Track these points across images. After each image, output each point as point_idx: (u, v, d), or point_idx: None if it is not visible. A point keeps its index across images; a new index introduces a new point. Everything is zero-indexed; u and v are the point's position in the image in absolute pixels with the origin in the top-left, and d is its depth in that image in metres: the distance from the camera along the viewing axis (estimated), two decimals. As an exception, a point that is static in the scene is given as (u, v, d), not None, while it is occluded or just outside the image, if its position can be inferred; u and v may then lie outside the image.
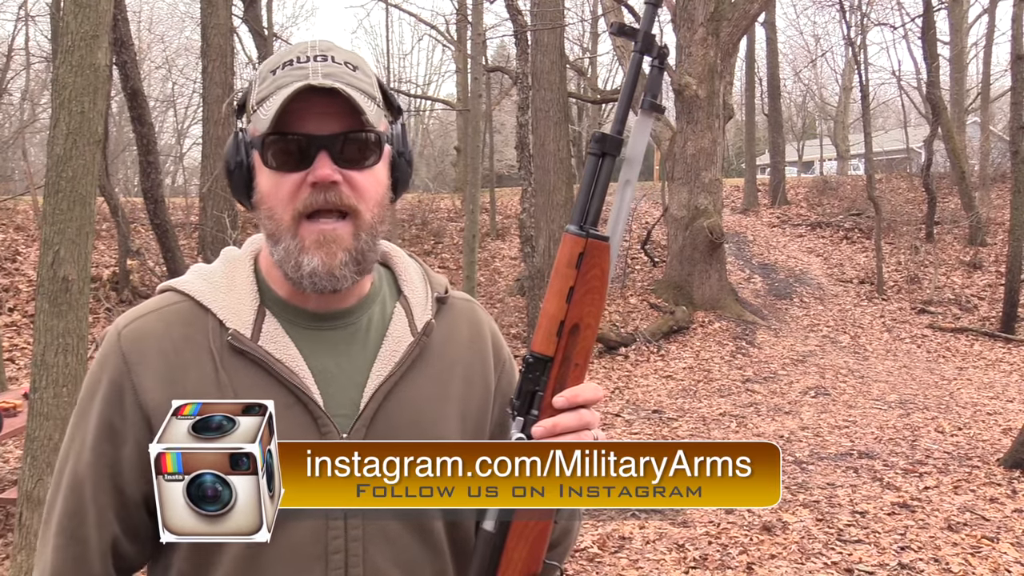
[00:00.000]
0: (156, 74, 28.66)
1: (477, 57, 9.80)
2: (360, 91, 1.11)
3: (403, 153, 1.20)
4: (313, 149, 1.09)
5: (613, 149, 1.10)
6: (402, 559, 1.16)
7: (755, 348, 12.20)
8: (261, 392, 1.12)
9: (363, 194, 1.13)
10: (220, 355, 1.13)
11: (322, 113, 1.10)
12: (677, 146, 13.63)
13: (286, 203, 1.11)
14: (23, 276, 11.97)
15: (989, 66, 22.96)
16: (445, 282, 1.33)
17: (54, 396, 4.00)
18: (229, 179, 1.17)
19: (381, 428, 1.16)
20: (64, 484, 1.14)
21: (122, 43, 7.87)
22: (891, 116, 37.02)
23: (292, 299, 1.19)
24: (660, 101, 1.11)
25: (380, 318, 1.24)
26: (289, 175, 1.10)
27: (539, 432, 1.07)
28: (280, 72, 1.12)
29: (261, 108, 1.12)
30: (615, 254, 1.11)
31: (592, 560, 4.72)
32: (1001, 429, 7.77)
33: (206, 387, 1.12)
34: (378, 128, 1.13)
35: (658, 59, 1.10)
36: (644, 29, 1.10)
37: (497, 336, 1.37)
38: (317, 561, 1.11)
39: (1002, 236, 16.38)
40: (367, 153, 1.13)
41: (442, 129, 33.83)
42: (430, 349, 1.23)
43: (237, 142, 1.15)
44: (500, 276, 15.75)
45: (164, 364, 1.13)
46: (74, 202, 4.05)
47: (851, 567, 4.56)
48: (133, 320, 1.18)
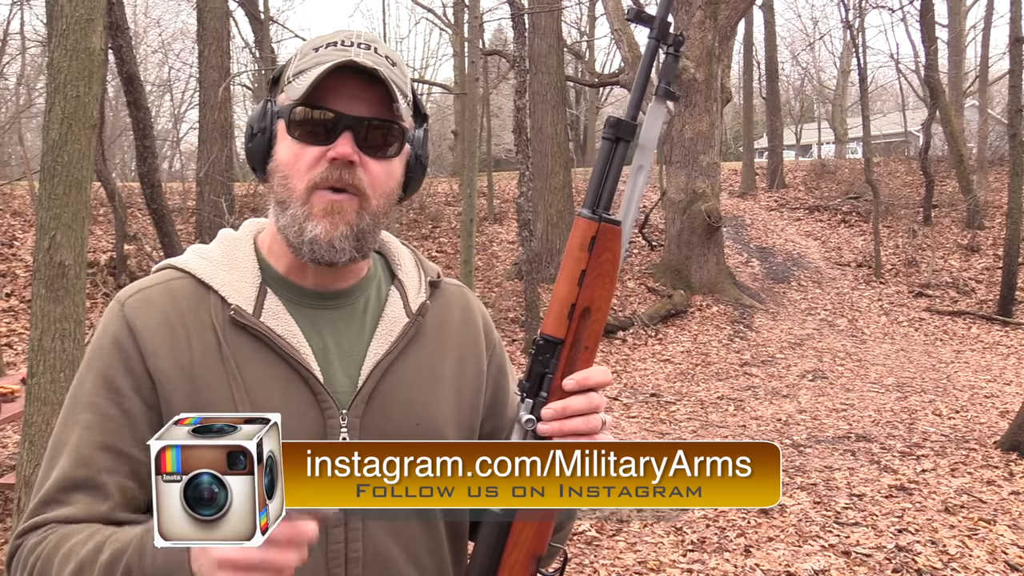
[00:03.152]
0: (152, 59, 28.56)
1: (474, 41, 9.76)
2: (395, 85, 1.13)
3: (420, 156, 1.23)
4: (339, 127, 1.12)
5: (627, 134, 1.10)
6: (401, 534, 1.18)
7: (753, 331, 12.22)
8: (263, 366, 1.14)
9: (376, 181, 1.15)
10: (223, 330, 1.15)
11: (354, 96, 1.13)
12: (675, 130, 13.60)
13: (303, 173, 1.13)
14: (20, 261, 11.94)
15: (987, 49, 22.91)
16: (437, 268, 1.35)
17: (51, 381, 4.00)
18: (249, 143, 1.19)
19: (378, 404, 1.18)
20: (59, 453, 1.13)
21: (117, 27, 7.82)
22: (889, 99, 36.94)
23: (292, 276, 1.21)
24: (674, 88, 1.11)
25: (376, 300, 1.26)
26: (311, 147, 1.13)
27: (549, 414, 1.08)
28: (323, 51, 1.15)
29: (297, 79, 1.14)
30: (627, 239, 1.12)
31: (590, 543, 4.73)
32: (998, 412, 7.79)
33: (209, 358, 1.13)
34: (404, 122, 1.16)
35: (673, 47, 1.10)
36: (660, 16, 1.10)
37: (487, 320, 1.39)
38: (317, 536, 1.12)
39: (1000, 219, 16.39)
40: (389, 142, 1.16)
41: (439, 113, 33.73)
42: (424, 330, 1.26)
43: (265, 110, 1.17)
44: (498, 260, 15.73)
45: (168, 332, 1.14)
46: (70, 187, 4.03)
47: (848, 549, 4.58)
48: (137, 291, 1.19)
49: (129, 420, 1.12)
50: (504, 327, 11.81)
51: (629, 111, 1.11)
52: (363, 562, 1.15)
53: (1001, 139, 20.47)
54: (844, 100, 31.78)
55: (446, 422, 1.24)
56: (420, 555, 1.21)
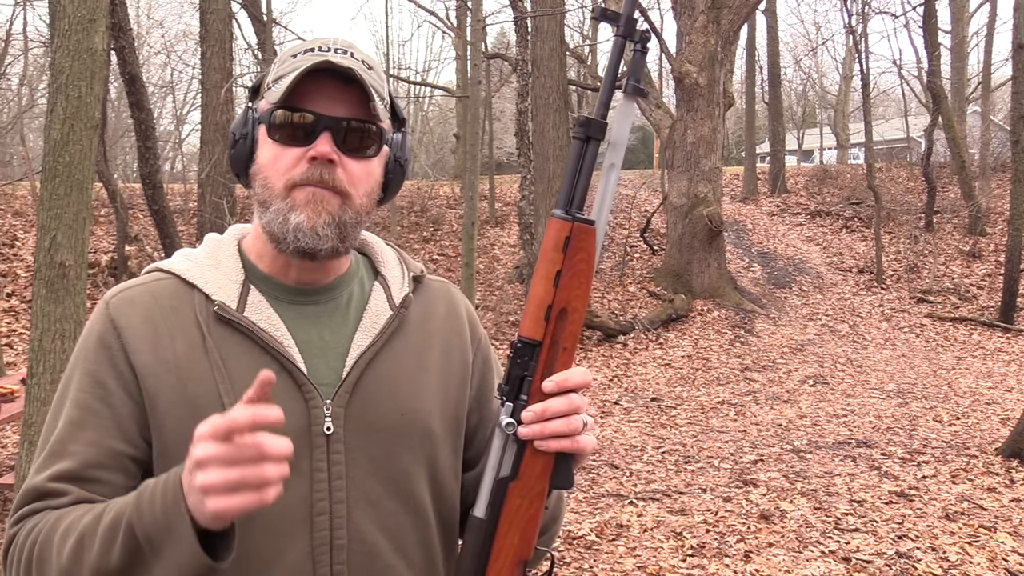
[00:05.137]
0: (155, 60, 28.56)
1: (477, 44, 9.75)
2: (371, 86, 1.15)
3: (399, 159, 1.26)
4: (318, 128, 1.14)
5: (598, 133, 1.10)
6: (387, 524, 1.19)
7: (754, 337, 12.20)
8: (247, 359, 1.15)
9: (355, 181, 1.17)
10: (207, 325, 1.16)
11: (332, 98, 1.15)
12: (677, 134, 13.59)
13: (282, 173, 1.15)
14: (21, 262, 11.95)
15: (990, 55, 22.94)
16: (421, 265, 1.37)
17: (51, 382, 3.99)
18: (232, 151, 1.21)
19: (363, 395, 1.19)
20: (47, 449, 1.14)
21: (120, 28, 7.83)
22: (891, 105, 36.95)
23: (275, 274, 1.23)
24: (643, 85, 1.11)
25: (359, 294, 1.28)
26: (290, 149, 1.15)
27: (529, 417, 1.08)
28: (300, 56, 1.18)
29: (276, 84, 1.17)
30: (601, 238, 1.12)
31: (590, 548, 4.72)
32: (999, 418, 7.77)
33: (194, 353, 1.15)
34: (382, 123, 1.18)
35: (640, 43, 1.10)
36: (626, 13, 1.10)
37: (472, 315, 1.40)
38: (302, 524, 1.13)
39: (1002, 226, 16.37)
40: (367, 143, 1.18)
41: (441, 116, 33.76)
42: (408, 323, 1.27)
43: (246, 116, 1.20)
44: (499, 263, 15.73)
45: (152, 329, 1.16)
46: (71, 187, 4.03)
47: (848, 556, 4.57)
48: (121, 291, 1.21)
49: (114, 415, 1.13)
50: (505, 330, 11.80)
51: (598, 110, 1.11)
52: (348, 550, 1.16)
53: (1003, 145, 20.47)
54: (846, 105, 31.77)
55: (431, 412, 1.24)
56: (407, 545, 1.21)
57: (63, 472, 1.11)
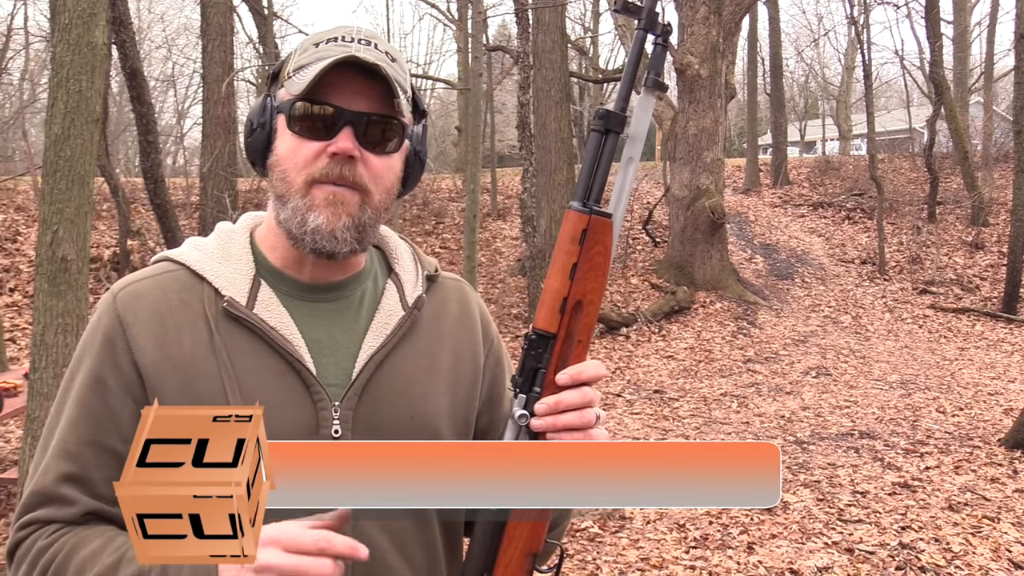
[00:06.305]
0: (156, 54, 28.58)
1: (478, 36, 9.73)
2: (395, 81, 1.13)
3: (419, 152, 1.23)
4: (340, 122, 1.12)
5: (617, 126, 1.09)
6: (390, 526, 1.18)
7: (756, 328, 12.20)
8: (255, 358, 1.13)
9: (376, 176, 1.15)
10: (215, 321, 1.15)
11: (355, 92, 1.13)
12: (679, 126, 13.57)
13: (301, 167, 1.13)
14: (24, 256, 11.96)
15: (992, 45, 22.89)
16: (435, 262, 1.35)
17: (54, 376, 4.00)
18: (248, 139, 1.19)
19: (372, 397, 1.18)
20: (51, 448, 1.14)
21: (121, 22, 7.82)
22: (894, 96, 36.85)
23: (287, 269, 1.21)
24: (663, 79, 1.10)
25: (372, 293, 1.26)
26: (311, 142, 1.13)
27: (542, 409, 1.07)
28: (324, 46, 1.15)
29: (297, 74, 1.14)
30: (617, 231, 1.11)
31: (593, 540, 4.73)
32: (1002, 409, 7.77)
33: (200, 350, 1.13)
34: (404, 118, 1.16)
35: (661, 37, 1.10)
36: (648, 7, 1.09)
37: (486, 315, 1.38)
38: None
39: (1004, 216, 16.35)
40: (389, 138, 1.16)
41: (443, 109, 33.72)
42: (420, 324, 1.26)
43: (264, 105, 1.18)
44: (501, 256, 15.72)
45: (159, 325, 1.14)
46: (72, 182, 4.03)
47: (852, 547, 4.57)
48: (129, 284, 1.19)
49: (115, 416, 1.12)
50: (507, 323, 11.80)
51: (618, 103, 1.10)
52: None
53: (1006, 135, 20.43)
54: (848, 96, 31.70)
55: (440, 416, 1.23)
56: (411, 549, 1.20)
57: (68, 474, 1.11)
